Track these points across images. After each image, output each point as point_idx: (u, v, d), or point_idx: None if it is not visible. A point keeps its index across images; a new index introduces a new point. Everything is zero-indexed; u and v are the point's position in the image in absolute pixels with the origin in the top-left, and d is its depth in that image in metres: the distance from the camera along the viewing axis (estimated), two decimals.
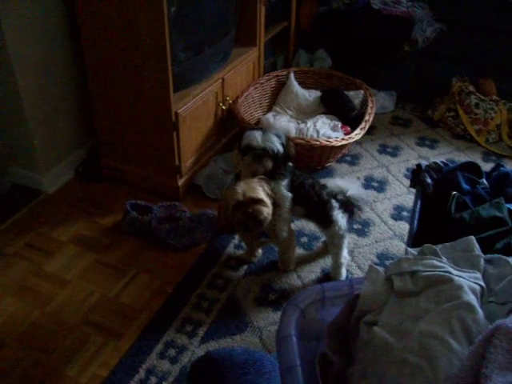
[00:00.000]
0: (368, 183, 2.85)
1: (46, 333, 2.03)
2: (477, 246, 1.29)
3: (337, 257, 2.23)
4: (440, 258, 1.23)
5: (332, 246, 2.23)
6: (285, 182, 2.10)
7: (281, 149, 2.08)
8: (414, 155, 3.09)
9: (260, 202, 1.96)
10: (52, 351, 1.96)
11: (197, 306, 2.15)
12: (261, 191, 1.99)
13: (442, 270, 1.18)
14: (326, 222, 2.15)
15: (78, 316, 2.10)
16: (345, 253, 2.25)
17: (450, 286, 1.13)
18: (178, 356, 1.95)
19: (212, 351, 1.50)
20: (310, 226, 2.54)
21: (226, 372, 1.44)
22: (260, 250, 2.36)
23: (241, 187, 1.98)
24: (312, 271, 2.32)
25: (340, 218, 2.14)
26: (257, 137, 2.08)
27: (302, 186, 2.14)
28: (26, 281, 2.24)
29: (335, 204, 2.13)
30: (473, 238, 1.30)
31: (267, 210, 1.99)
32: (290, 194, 2.10)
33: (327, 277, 2.29)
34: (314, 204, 2.14)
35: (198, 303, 2.17)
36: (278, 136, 2.12)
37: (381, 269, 1.27)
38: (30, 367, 1.91)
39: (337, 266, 2.25)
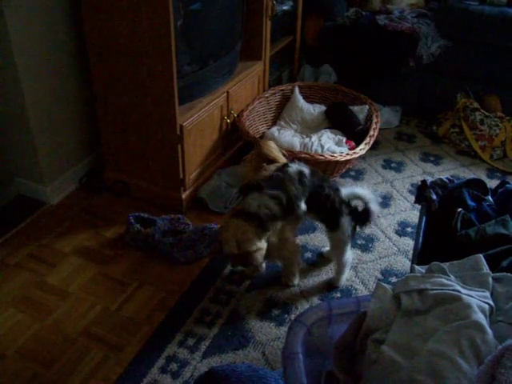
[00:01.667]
0: None
1: (46, 345, 2.01)
2: (485, 264, 1.28)
3: (339, 262, 2.25)
4: (448, 276, 1.22)
5: (334, 250, 2.27)
6: (301, 205, 2.02)
7: (278, 210, 1.93)
8: (418, 171, 3.09)
9: (255, 251, 1.92)
10: (52, 364, 1.94)
11: (199, 320, 2.14)
12: (255, 240, 1.90)
13: (450, 288, 1.17)
14: (333, 225, 2.15)
15: (79, 329, 2.08)
16: (345, 258, 2.24)
17: (459, 304, 1.12)
18: (179, 371, 1.93)
19: (215, 367, 1.48)
20: (313, 242, 2.53)
21: None
22: (264, 265, 2.35)
23: (235, 236, 1.89)
24: (315, 287, 2.30)
25: (346, 223, 2.13)
26: (251, 203, 1.92)
27: (318, 196, 2.07)
28: (28, 292, 2.23)
29: (345, 210, 2.12)
30: (481, 256, 1.29)
31: (262, 253, 1.95)
32: (303, 209, 2.04)
33: (330, 292, 2.28)
34: (326, 210, 2.12)
35: (200, 317, 2.15)
36: (275, 197, 1.93)
37: (388, 286, 1.26)
38: (29, 380, 1.89)
39: (339, 271, 2.28)
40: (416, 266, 1.31)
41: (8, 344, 2.01)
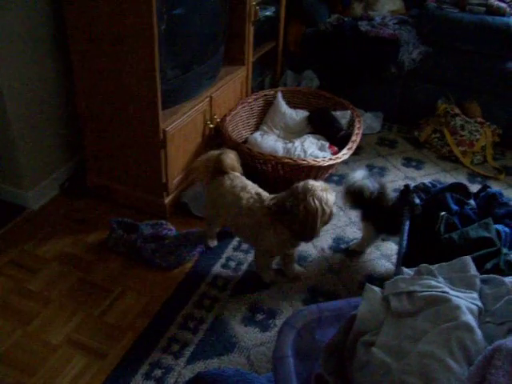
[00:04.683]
0: None
1: (27, 353, 1.98)
2: (473, 266, 1.29)
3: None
4: (437, 277, 1.22)
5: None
6: None
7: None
8: (400, 176, 3.11)
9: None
10: (34, 372, 1.91)
11: (183, 325, 2.12)
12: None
13: (439, 290, 1.17)
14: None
15: (61, 336, 2.05)
16: None
17: (448, 306, 1.12)
18: (163, 377, 1.91)
19: (203, 372, 1.47)
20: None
21: None
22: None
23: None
24: (299, 291, 2.30)
25: None
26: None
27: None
28: (9, 299, 2.19)
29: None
30: (469, 258, 1.30)
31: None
32: None
33: (314, 297, 2.28)
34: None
35: (184, 323, 2.13)
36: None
37: (377, 289, 1.26)
38: None
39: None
40: (404, 269, 1.32)
41: None
